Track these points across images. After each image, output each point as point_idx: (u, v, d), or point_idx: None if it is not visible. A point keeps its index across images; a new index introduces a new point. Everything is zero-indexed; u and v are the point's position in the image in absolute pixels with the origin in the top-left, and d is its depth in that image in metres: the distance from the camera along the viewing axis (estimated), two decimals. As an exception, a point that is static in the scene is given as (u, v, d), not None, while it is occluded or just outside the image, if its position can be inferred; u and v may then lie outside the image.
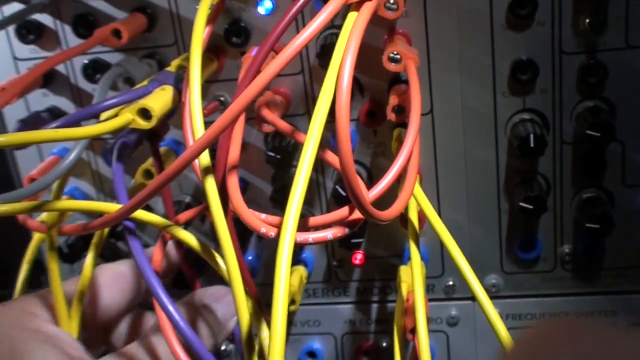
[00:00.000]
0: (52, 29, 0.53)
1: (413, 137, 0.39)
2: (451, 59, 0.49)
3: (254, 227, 0.34)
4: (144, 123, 0.39)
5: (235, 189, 0.36)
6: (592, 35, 0.47)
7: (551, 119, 0.50)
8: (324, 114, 0.32)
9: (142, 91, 0.42)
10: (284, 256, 0.29)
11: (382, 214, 0.35)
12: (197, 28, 0.40)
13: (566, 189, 0.52)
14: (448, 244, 0.40)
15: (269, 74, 0.32)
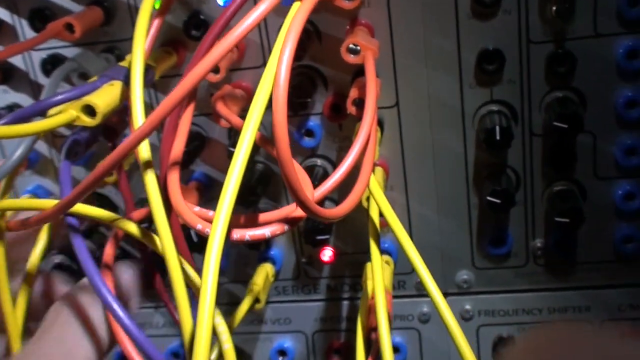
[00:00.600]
0: (10, 23, 0.51)
1: (366, 131, 0.38)
2: (416, 49, 0.48)
3: (190, 223, 0.33)
4: (88, 120, 0.38)
5: (174, 183, 0.34)
6: (560, 24, 0.46)
7: (520, 110, 0.49)
8: (260, 109, 0.31)
9: (90, 87, 0.40)
10: (212, 254, 0.28)
11: (329, 212, 0.34)
12: (142, 16, 0.39)
13: (537, 182, 0.50)
14: (402, 240, 0.39)
15: (204, 66, 0.31)
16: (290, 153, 0.30)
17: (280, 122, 0.30)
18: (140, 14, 0.39)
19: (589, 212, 0.49)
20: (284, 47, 0.31)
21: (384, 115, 0.50)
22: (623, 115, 0.47)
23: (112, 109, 0.39)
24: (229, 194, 0.30)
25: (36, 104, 0.39)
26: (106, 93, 0.39)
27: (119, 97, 0.40)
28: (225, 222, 0.29)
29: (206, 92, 0.50)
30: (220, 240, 0.29)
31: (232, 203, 0.30)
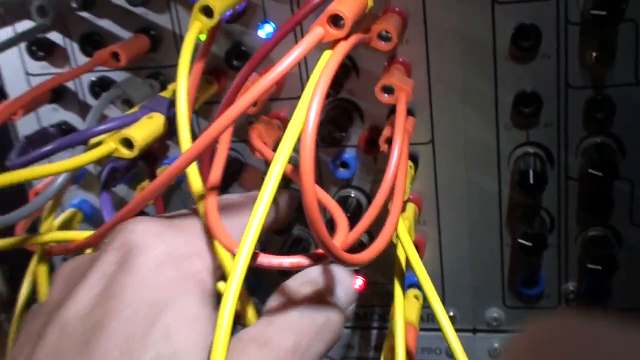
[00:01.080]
0: (62, 46, 0.54)
1: (392, 173, 0.38)
2: (453, 88, 0.48)
3: (227, 247, 0.33)
4: (126, 152, 0.39)
5: (212, 208, 0.35)
6: (600, 70, 0.45)
7: (556, 154, 0.48)
8: (288, 149, 0.32)
9: (130, 118, 0.42)
10: (235, 277, 0.29)
11: (353, 258, 0.34)
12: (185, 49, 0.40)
13: (571, 225, 0.50)
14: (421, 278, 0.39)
15: (229, 117, 0.32)
16: (316, 201, 0.30)
17: (308, 170, 0.30)
18: (184, 48, 0.40)
19: (625, 259, 0.49)
20: (313, 96, 0.31)
21: (419, 151, 0.50)
22: (662, 164, 0.46)
23: (150, 142, 0.41)
24: (255, 223, 0.31)
25: (78, 134, 0.41)
26: (144, 126, 0.41)
27: (156, 130, 0.41)
28: (250, 247, 0.30)
29: (245, 120, 0.51)
30: (244, 265, 0.30)
31: (257, 233, 0.31)
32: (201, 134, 0.34)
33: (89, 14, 0.52)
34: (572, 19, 0.45)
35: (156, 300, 0.32)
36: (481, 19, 0.46)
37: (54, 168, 0.37)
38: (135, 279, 0.32)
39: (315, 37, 0.34)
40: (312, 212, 0.31)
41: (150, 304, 0.32)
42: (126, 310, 0.31)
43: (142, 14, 0.51)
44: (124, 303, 0.32)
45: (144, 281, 0.32)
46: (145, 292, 0.32)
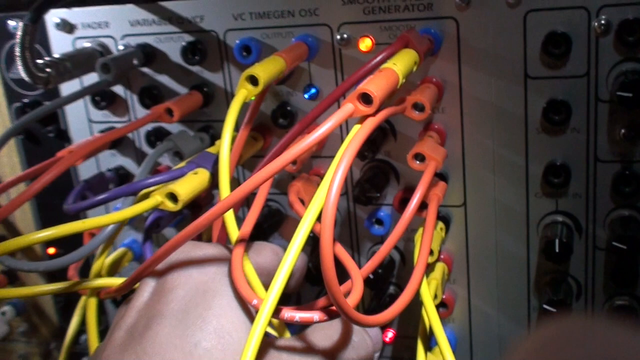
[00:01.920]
0: (123, 97, 0.58)
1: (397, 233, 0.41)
2: (485, 155, 0.50)
3: (246, 298, 0.36)
4: (171, 205, 0.43)
5: (237, 258, 0.38)
6: (628, 146, 0.47)
7: (584, 223, 0.50)
8: (313, 217, 0.34)
9: (178, 173, 0.45)
10: (257, 329, 0.32)
11: (366, 319, 0.36)
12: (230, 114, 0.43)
13: (598, 293, 0.51)
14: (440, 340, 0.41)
15: (265, 174, 0.35)
16: (333, 265, 0.33)
17: (327, 240, 0.33)
18: (229, 114, 0.43)
19: (649, 330, 0.49)
20: (337, 170, 0.34)
21: (452, 213, 0.52)
22: (688, 240, 0.47)
23: (194, 196, 0.44)
24: (281, 278, 0.33)
25: (129, 186, 0.44)
26: (189, 181, 0.44)
27: (201, 185, 0.45)
28: (274, 301, 0.33)
29: (289, 174, 0.54)
30: (267, 317, 0.33)
31: (282, 287, 0.33)
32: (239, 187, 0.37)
33: (149, 70, 0.56)
34: (602, 96, 0.46)
35: (205, 290, 0.37)
36: (514, 93, 0.48)
37: (105, 220, 0.40)
38: (181, 277, 0.38)
39: (345, 113, 0.36)
40: (329, 276, 0.33)
41: (202, 292, 0.37)
42: (180, 298, 0.37)
43: (198, 72, 0.55)
44: (176, 294, 0.37)
45: (192, 276, 0.38)
46: (194, 284, 0.38)
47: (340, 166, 0.34)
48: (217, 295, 0.37)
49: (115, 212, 0.41)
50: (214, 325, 0.36)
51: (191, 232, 0.38)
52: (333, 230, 0.33)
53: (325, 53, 0.51)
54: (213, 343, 0.35)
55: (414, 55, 0.43)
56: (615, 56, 0.45)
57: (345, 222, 0.55)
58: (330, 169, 0.35)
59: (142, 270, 0.41)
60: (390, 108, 0.41)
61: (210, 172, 0.46)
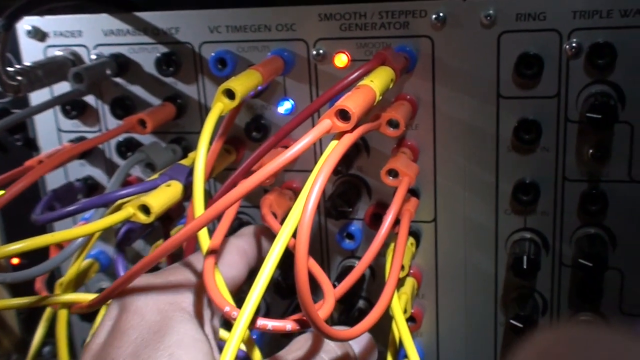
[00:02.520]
0: (94, 107, 0.57)
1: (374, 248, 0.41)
2: (456, 172, 0.51)
3: (218, 305, 0.36)
4: (144, 218, 0.42)
5: (209, 268, 0.38)
6: (595, 166, 0.48)
7: (551, 241, 0.51)
8: (289, 233, 0.35)
9: (150, 184, 0.45)
10: (234, 337, 0.32)
11: (336, 333, 0.36)
12: (206, 128, 0.43)
13: (563, 309, 0.52)
14: (410, 354, 0.42)
15: (239, 192, 0.35)
16: (307, 278, 0.33)
17: (302, 254, 0.33)
18: (205, 127, 0.43)
19: (613, 346, 0.51)
20: (314, 184, 0.34)
21: (422, 228, 0.53)
22: (651, 258, 0.49)
23: (166, 208, 0.44)
24: (258, 289, 0.33)
25: (100, 198, 0.44)
26: (162, 194, 0.44)
27: (173, 197, 0.44)
28: (252, 309, 0.33)
29: (261, 188, 0.54)
30: (245, 325, 0.33)
31: (260, 297, 0.33)
32: (211, 204, 0.37)
33: (122, 80, 0.56)
34: (572, 117, 0.48)
35: (157, 329, 0.36)
36: (486, 112, 0.49)
37: (76, 232, 0.40)
38: (135, 317, 0.37)
39: (323, 129, 0.37)
40: (303, 290, 0.33)
41: (153, 332, 0.36)
42: (131, 341, 0.36)
43: (171, 83, 0.55)
44: (128, 336, 0.36)
45: (144, 317, 0.37)
46: (146, 325, 0.37)
47: (317, 182, 0.35)
48: (167, 334, 0.36)
49: (85, 223, 0.41)
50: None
51: (166, 250, 0.38)
52: (308, 246, 0.33)
53: (301, 68, 0.51)
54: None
55: (391, 72, 0.44)
56: (585, 78, 0.47)
57: (317, 236, 0.56)
58: (307, 185, 0.36)
59: (115, 287, 0.41)
60: (367, 125, 0.41)
61: (183, 185, 0.46)
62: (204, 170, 0.42)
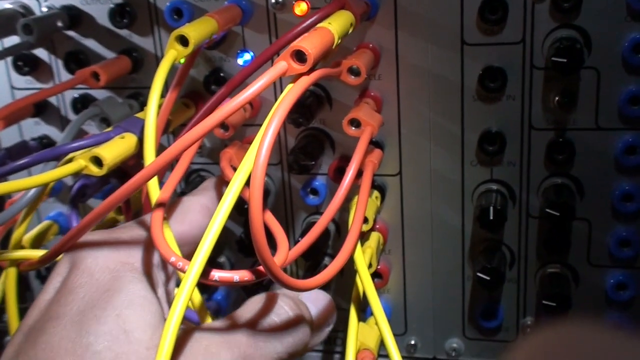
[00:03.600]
0: (47, 62, 0.55)
1: (339, 197, 0.40)
2: (421, 124, 0.50)
3: (164, 256, 0.35)
4: (96, 170, 0.41)
5: (157, 218, 0.36)
6: (562, 114, 0.47)
7: (518, 192, 0.50)
8: (242, 180, 0.33)
9: (103, 137, 0.43)
10: (185, 287, 0.31)
11: (295, 282, 0.35)
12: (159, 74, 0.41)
13: (531, 261, 0.51)
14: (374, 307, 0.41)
15: (191, 137, 0.34)
16: (262, 224, 0.32)
17: (256, 200, 0.31)
18: (158, 74, 0.41)
19: (580, 297, 0.50)
20: (269, 126, 0.33)
21: (387, 183, 0.52)
22: (619, 208, 0.48)
23: (120, 161, 0.42)
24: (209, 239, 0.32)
25: (51, 150, 0.42)
26: (115, 145, 0.42)
27: (127, 150, 0.43)
28: (203, 259, 0.32)
29: (222, 143, 0.53)
30: (194, 278, 0.31)
31: (211, 246, 0.32)
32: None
33: (75, 33, 0.54)
34: (537, 63, 0.46)
35: (106, 289, 0.35)
36: (451, 59, 0.48)
37: (23, 183, 0.38)
38: (84, 275, 0.36)
39: (278, 71, 0.35)
40: (257, 233, 0.32)
41: (102, 292, 0.35)
42: (79, 299, 0.34)
43: (126, 36, 0.53)
44: (76, 294, 0.35)
45: (93, 276, 0.36)
46: (95, 284, 0.35)
47: (271, 124, 0.33)
48: (116, 293, 0.35)
49: (36, 175, 0.39)
50: (109, 326, 0.33)
51: (116, 200, 0.36)
52: (262, 191, 0.32)
53: (260, 17, 0.50)
54: (105, 344, 0.33)
55: (350, 16, 0.42)
56: (551, 23, 0.45)
57: (280, 193, 0.54)
58: (260, 130, 0.34)
59: (66, 242, 0.39)
60: (325, 69, 0.39)
61: (137, 137, 0.44)
62: (156, 117, 0.40)
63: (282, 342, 0.38)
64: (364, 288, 0.42)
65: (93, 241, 0.37)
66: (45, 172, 0.39)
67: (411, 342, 0.56)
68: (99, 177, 0.46)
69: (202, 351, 0.35)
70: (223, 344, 0.36)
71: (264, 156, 0.32)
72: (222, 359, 0.35)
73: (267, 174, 0.54)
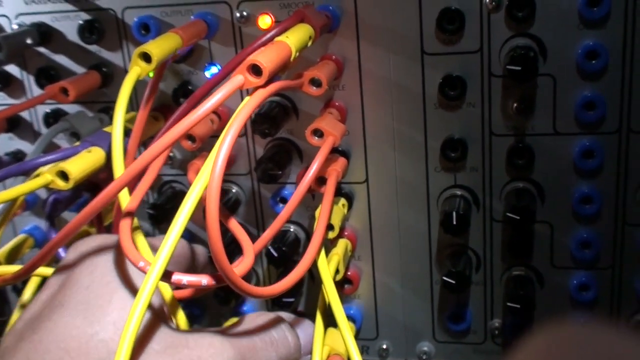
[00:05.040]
0: (19, 78, 0.56)
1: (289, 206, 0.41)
2: (385, 132, 0.51)
3: (132, 260, 0.36)
4: (62, 184, 0.42)
5: (125, 228, 0.37)
6: (520, 120, 0.48)
7: (481, 197, 0.51)
8: (200, 188, 0.34)
9: (71, 151, 0.44)
10: (144, 293, 0.32)
11: (257, 291, 0.36)
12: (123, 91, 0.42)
13: (496, 265, 0.52)
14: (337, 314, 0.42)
15: (155, 150, 0.35)
16: (219, 232, 0.33)
17: (212, 210, 0.32)
18: (122, 90, 0.42)
19: (545, 299, 0.51)
20: (224, 138, 0.34)
21: (355, 190, 0.53)
22: (579, 210, 0.49)
23: (87, 174, 0.43)
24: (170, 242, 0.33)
25: (18, 166, 0.43)
26: (82, 159, 0.43)
27: (94, 163, 0.44)
28: (163, 263, 0.33)
29: (192, 155, 0.54)
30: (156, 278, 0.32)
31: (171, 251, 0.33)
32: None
33: (45, 49, 0.55)
34: (495, 71, 0.48)
35: (109, 282, 0.37)
36: (412, 69, 0.49)
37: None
38: (88, 267, 0.38)
39: (235, 84, 0.36)
40: (214, 242, 0.33)
41: (105, 283, 0.37)
42: (83, 289, 0.37)
43: (96, 51, 0.54)
44: (80, 285, 0.37)
45: (97, 269, 0.38)
46: (98, 277, 0.37)
47: (227, 137, 0.34)
48: (119, 288, 0.37)
49: (5, 191, 0.40)
50: (113, 317, 0.36)
51: (89, 214, 0.37)
52: (218, 200, 0.33)
53: (225, 31, 0.51)
54: (110, 335, 0.35)
55: (309, 29, 0.43)
56: (506, 32, 0.47)
57: (250, 202, 0.55)
58: (218, 140, 0.35)
59: (42, 256, 0.40)
60: (284, 81, 0.41)
61: (105, 151, 0.45)
62: (122, 131, 0.41)
63: (277, 352, 0.40)
64: (327, 295, 0.43)
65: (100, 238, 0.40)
66: (12, 188, 0.40)
67: (383, 346, 0.56)
68: (71, 191, 0.47)
69: (206, 345, 0.37)
70: (226, 342, 0.38)
71: (220, 165, 0.33)
72: (225, 355, 0.37)
73: (237, 184, 0.55)
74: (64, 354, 0.34)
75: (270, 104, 0.51)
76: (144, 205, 0.56)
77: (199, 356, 0.36)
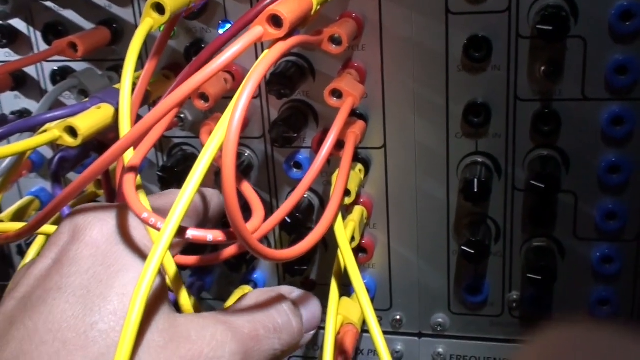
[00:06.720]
0: (26, 34, 0.54)
1: (316, 168, 0.39)
2: (406, 96, 0.49)
3: (136, 212, 0.34)
4: (70, 140, 0.40)
5: (128, 181, 0.35)
6: (548, 84, 0.46)
7: (504, 164, 0.49)
8: (216, 145, 0.32)
9: (80, 107, 0.42)
10: (159, 247, 0.30)
11: (272, 253, 0.34)
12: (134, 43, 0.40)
13: (516, 235, 0.51)
14: (354, 281, 0.40)
15: (166, 105, 0.33)
16: (235, 189, 0.31)
17: (228, 166, 0.31)
18: (133, 43, 0.40)
19: (566, 271, 0.50)
20: (242, 93, 0.32)
21: (371, 156, 0.51)
22: (605, 180, 0.47)
23: (96, 131, 0.41)
24: (181, 206, 0.31)
25: (25, 121, 0.41)
26: (91, 115, 0.41)
27: (103, 120, 0.42)
28: (179, 217, 0.31)
29: (204, 117, 0.52)
30: (170, 236, 0.30)
31: (187, 205, 0.31)
32: (139, 121, 0.34)
33: (53, 4, 0.53)
34: (523, 32, 0.46)
35: (111, 264, 0.34)
36: (435, 29, 0.47)
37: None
38: (89, 247, 0.34)
39: (253, 36, 0.34)
40: (230, 200, 0.31)
41: (107, 266, 0.34)
42: (83, 272, 0.33)
43: (106, 7, 0.52)
44: (80, 266, 0.33)
45: (99, 248, 0.34)
46: (101, 258, 0.34)
47: (244, 90, 0.32)
48: (122, 270, 0.34)
49: (12, 144, 0.38)
50: (115, 305, 0.33)
51: (93, 173, 0.35)
52: (235, 157, 0.31)
53: (241, -14, 0.49)
54: (111, 325, 0.32)
55: (330, -17, 0.41)
56: (536, -10, 0.45)
57: (263, 166, 0.54)
58: (235, 96, 0.33)
59: (46, 214, 0.38)
60: (304, 36, 0.39)
61: (115, 108, 0.43)
62: (131, 87, 0.39)
63: (280, 339, 0.38)
64: (344, 260, 0.42)
65: (98, 210, 0.36)
66: (18, 142, 0.38)
67: (397, 317, 0.55)
68: (78, 150, 0.45)
69: (208, 338, 0.35)
70: (228, 334, 0.35)
71: (237, 120, 0.31)
72: (227, 349, 0.35)
73: (250, 148, 0.53)
74: (60, 346, 0.31)
75: (286, 63, 0.49)
76: (154, 169, 0.55)
77: (201, 351, 0.34)
